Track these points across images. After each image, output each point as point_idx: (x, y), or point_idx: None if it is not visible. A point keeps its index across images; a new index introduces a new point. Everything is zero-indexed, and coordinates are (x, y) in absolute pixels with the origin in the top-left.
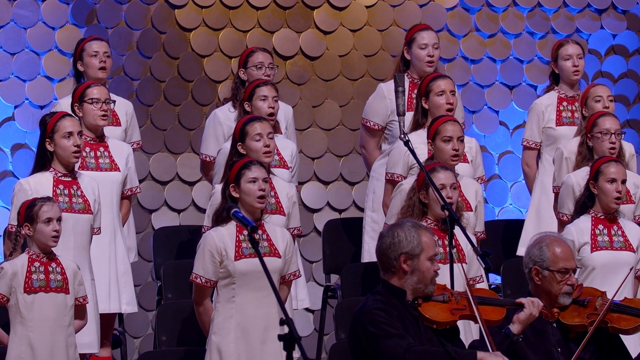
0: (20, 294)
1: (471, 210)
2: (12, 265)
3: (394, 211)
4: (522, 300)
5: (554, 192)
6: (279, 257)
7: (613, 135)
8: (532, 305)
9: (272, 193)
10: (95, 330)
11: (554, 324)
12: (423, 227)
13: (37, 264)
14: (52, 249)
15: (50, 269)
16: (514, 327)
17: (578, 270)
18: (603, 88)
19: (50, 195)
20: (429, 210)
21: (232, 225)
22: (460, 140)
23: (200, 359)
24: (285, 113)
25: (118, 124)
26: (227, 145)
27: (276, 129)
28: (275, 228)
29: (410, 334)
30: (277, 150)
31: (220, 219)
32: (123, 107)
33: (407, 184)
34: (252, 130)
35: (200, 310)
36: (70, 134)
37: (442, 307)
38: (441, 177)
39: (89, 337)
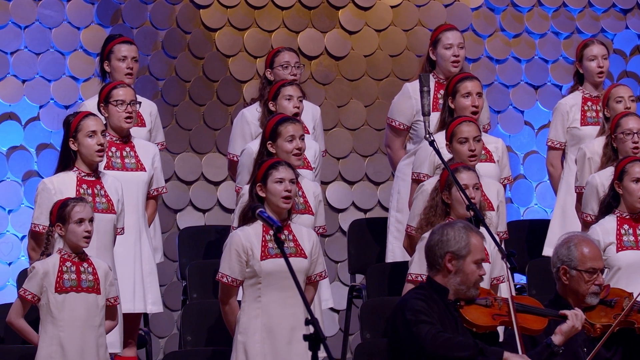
0: (51, 294)
1: (493, 210)
2: (44, 265)
3: (416, 212)
4: (566, 312)
5: (576, 192)
6: (305, 257)
7: (636, 135)
8: (575, 318)
9: (300, 193)
10: (118, 329)
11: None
12: (475, 230)
13: (68, 263)
14: (84, 249)
15: (81, 269)
16: (556, 338)
17: (605, 270)
18: (624, 88)
19: (74, 195)
20: (452, 210)
21: (258, 225)
22: (477, 140)
23: (226, 358)
24: (313, 113)
25: (143, 124)
26: (251, 146)
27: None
28: (302, 228)
29: (447, 331)
30: None
31: (246, 218)
32: (147, 108)
33: (429, 184)
34: (285, 132)
35: (227, 310)
36: (94, 132)
37: (483, 311)
38: (464, 177)
39: (110, 337)
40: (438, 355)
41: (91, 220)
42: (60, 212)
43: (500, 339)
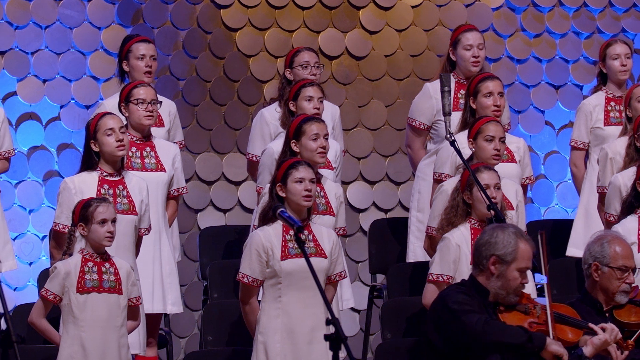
0: (73, 294)
1: (512, 209)
2: (65, 265)
3: (436, 212)
4: (605, 325)
5: (598, 192)
6: (325, 257)
7: None
8: (611, 333)
9: (322, 194)
10: (140, 330)
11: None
12: (526, 237)
13: (90, 264)
14: (106, 249)
15: (103, 269)
16: (587, 350)
17: (637, 270)
18: None
19: (95, 195)
20: (473, 210)
21: (278, 225)
22: (502, 141)
23: (247, 358)
24: (332, 113)
25: (161, 124)
26: (272, 146)
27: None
28: (322, 228)
29: None
30: None
31: (266, 218)
32: (166, 107)
33: (449, 184)
34: (309, 130)
35: (247, 310)
36: (112, 130)
37: (520, 317)
38: (485, 177)
39: (132, 337)
40: (489, 342)
41: (114, 220)
42: (83, 212)
43: None
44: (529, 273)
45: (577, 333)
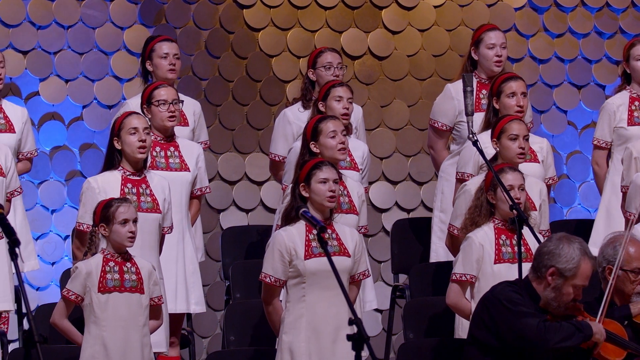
0: (95, 294)
1: (536, 210)
2: (87, 265)
3: (458, 211)
4: None
5: (622, 191)
6: (348, 256)
7: None
8: None
9: (345, 192)
10: (163, 329)
11: (625, 322)
12: (590, 256)
13: (111, 263)
14: (128, 249)
15: (125, 268)
16: None
17: None
18: None
19: (119, 195)
20: (497, 210)
21: (301, 225)
22: (526, 139)
23: (269, 358)
24: (355, 113)
25: (186, 124)
26: (298, 145)
27: (349, 130)
28: (345, 228)
29: None
30: (349, 151)
31: (289, 218)
32: (191, 107)
33: (472, 184)
34: (326, 128)
35: (270, 310)
36: (136, 129)
37: None
38: (509, 178)
39: (156, 336)
40: (551, 348)
41: (135, 220)
42: (104, 213)
43: None
44: None
45: (620, 353)
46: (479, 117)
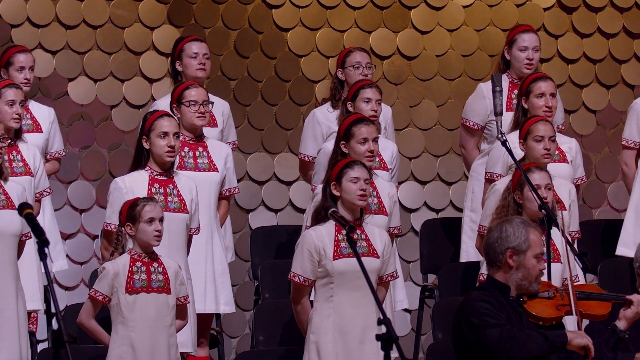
0: (122, 294)
1: (565, 210)
2: (114, 266)
3: (488, 212)
4: (632, 297)
5: None
6: (377, 257)
7: None
8: (638, 304)
9: (374, 193)
10: (190, 329)
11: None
12: (532, 225)
13: (138, 264)
14: (154, 248)
15: (152, 268)
16: (620, 324)
17: None
18: None
19: (146, 195)
20: (524, 210)
21: (331, 225)
22: (552, 140)
23: (298, 358)
24: (384, 113)
25: (214, 124)
26: (328, 145)
27: (377, 130)
28: (374, 229)
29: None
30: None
31: (319, 217)
32: (219, 107)
33: (501, 184)
34: (358, 133)
35: (299, 309)
36: (166, 134)
37: (547, 303)
38: (536, 178)
39: (182, 336)
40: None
41: (161, 219)
42: (130, 212)
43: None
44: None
45: (605, 306)
46: (510, 117)
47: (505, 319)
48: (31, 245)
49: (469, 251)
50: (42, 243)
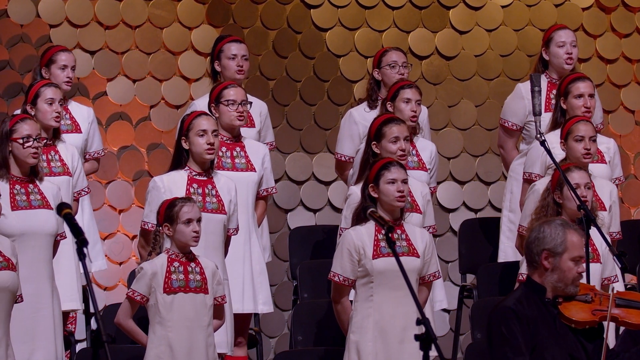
0: (160, 294)
1: (605, 210)
2: (152, 266)
3: (528, 212)
4: None
5: None
6: (417, 256)
7: None
8: None
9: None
10: (226, 330)
11: None
12: (573, 227)
13: (176, 264)
14: (192, 248)
15: (189, 269)
16: None
17: None
18: None
19: (184, 194)
20: (564, 210)
21: (371, 225)
22: (593, 140)
23: (337, 358)
24: (421, 114)
25: (252, 125)
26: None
27: (416, 130)
28: (415, 228)
29: (544, 332)
30: (417, 151)
31: (359, 218)
32: (257, 108)
33: (541, 184)
34: (389, 133)
35: (339, 309)
36: (204, 132)
37: (583, 306)
38: (575, 177)
39: (218, 337)
40: None
41: (199, 220)
42: (168, 212)
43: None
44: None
45: None
46: (549, 117)
47: (525, 345)
48: (70, 245)
49: (507, 251)
50: (81, 243)
